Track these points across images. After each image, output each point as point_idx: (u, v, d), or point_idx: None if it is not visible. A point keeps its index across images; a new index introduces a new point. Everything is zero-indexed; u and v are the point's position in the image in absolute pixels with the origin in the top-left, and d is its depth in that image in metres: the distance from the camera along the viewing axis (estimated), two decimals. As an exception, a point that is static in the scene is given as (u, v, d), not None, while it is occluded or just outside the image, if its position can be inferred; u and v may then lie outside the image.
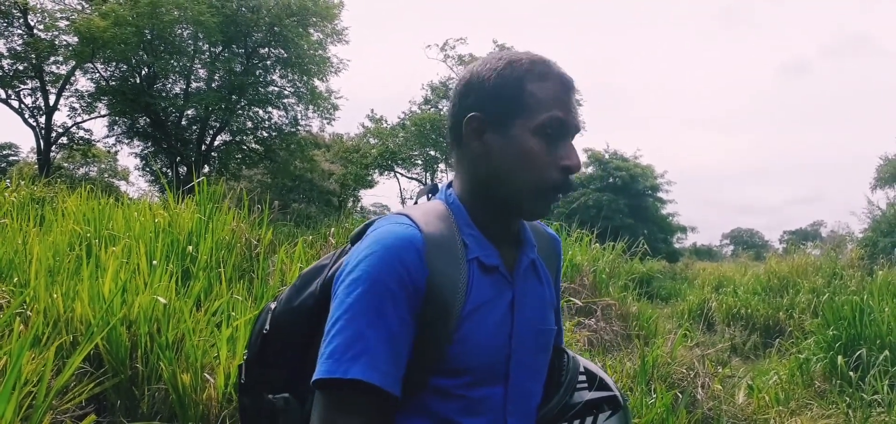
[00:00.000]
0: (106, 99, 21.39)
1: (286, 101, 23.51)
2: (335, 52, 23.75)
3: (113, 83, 21.14)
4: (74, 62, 19.78)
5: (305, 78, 22.90)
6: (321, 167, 27.47)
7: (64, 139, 22.32)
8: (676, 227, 30.14)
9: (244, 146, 24.48)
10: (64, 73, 20.68)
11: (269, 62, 22.90)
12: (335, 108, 24.60)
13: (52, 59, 20.08)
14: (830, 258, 13.02)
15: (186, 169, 20.27)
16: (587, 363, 1.28)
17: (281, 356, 1.17)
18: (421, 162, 30.86)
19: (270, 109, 23.58)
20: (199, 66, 22.31)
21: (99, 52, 18.90)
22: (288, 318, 1.17)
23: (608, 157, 27.92)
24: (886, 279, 8.35)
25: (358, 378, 0.96)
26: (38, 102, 21.13)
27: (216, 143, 23.59)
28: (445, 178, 29.21)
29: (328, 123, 26.11)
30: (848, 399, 5.20)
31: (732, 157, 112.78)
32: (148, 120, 21.96)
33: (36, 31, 19.76)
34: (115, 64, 20.78)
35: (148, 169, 23.86)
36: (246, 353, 1.23)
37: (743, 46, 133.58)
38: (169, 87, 22.45)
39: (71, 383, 2.64)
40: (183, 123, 22.77)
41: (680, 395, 4.32)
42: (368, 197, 37.24)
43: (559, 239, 1.34)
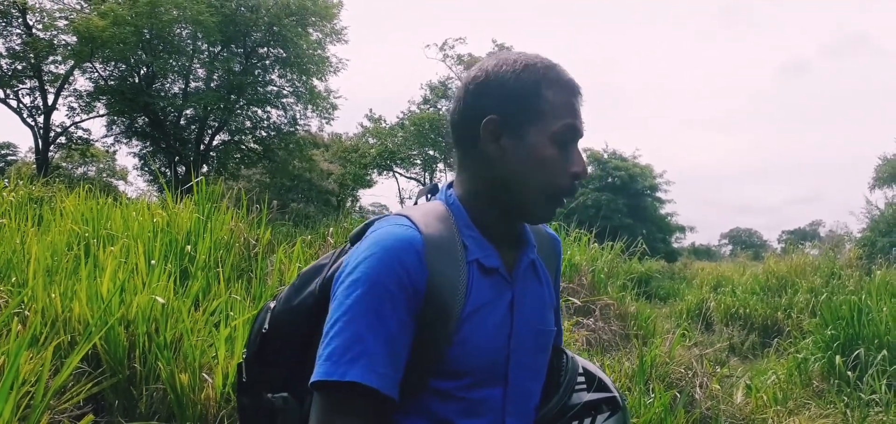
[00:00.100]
0: (104, 98, 21.38)
1: (285, 100, 23.52)
2: (334, 51, 23.76)
3: (111, 83, 21.13)
4: (73, 62, 19.76)
5: (304, 78, 22.89)
6: (320, 167, 27.46)
7: (62, 139, 22.33)
8: (675, 227, 30.20)
9: (243, 146, 24.47)
10: (62, 72, 20.68)
11: (267, 62, 22.89)
12: (334, 107, 24.62)
13: (50, 58, 20.07)
14: (829, 258, 13.04)
15: (185, 169, 20.26)
16: (586, 364, 1.27)
17: (280, 356, 1.17)
18: (420, 162, 30.86)
19: (269, 109, 23.58)
20: (197, 65, 22.30)
21: (97, 51, 18.89)
22: (287, 317, 1.17)
23: (607, 156, 27.94)
24: (885, 279, 8.35)
25: (356, 380, 0.96)
26: (36, 102, 21.12)
27: (215, 142, 23.60)
28: (444, 178, 29.23)
29: (327, 123, 26.16)
30: (846, 398, 5.20)
31: (731, 157, 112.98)
32: (146, 120, 21.94)
33: (35, 30, 19.75)
34: (113, 63, 20.77)
35: (146, 169, 23.83)
36: (245, 352, 1.23)
37: (742, 46, 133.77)
38: (168, 86, 22.45)
39: (69, 383, 2.63)
40: (181, 123, 22.75)
41: (678, 395, 4.33)
42: (367, 197, 37.26)
43: (559, 239, 1.34)
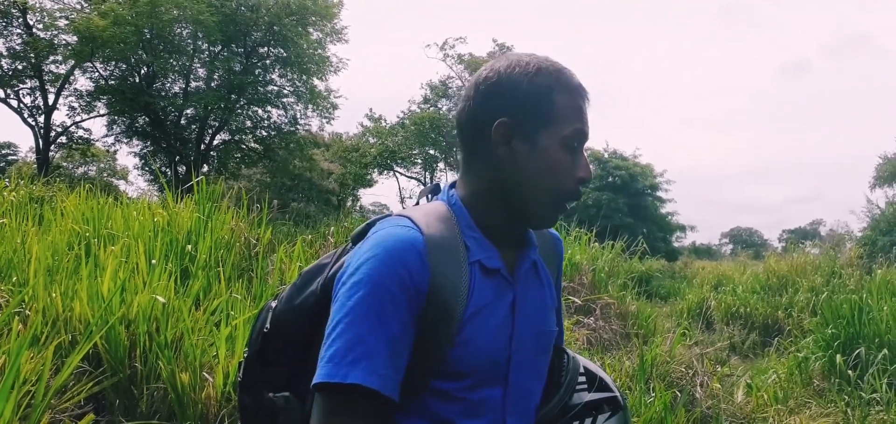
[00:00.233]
0: (105, 98, 21.38)
1: (285, 100, 23.52)
2: (334, 51, 23.75)
3: (112, 82, 21.12)
4: (73, 61, 19.77)
5: (304, 77, 22.89)
6: (320, 167, 27.44)
7: (63, 139, 22.33)
8: (675, 226, 30.21)
9: (243, 145, 24.47)
10: (63, 72, 20.68)
11: (268, 61, 22.89)
12: (334, 107, 24.62)
13: (51, 58, 20.08)
14: (829, 257, 13.03)
15: (185, 168, 20.26)
16: (587, 363, 1.27)
17: (281, 355, 1.17)
18: (420, 161, 30.85)
19: (269, 109, 23.58)
20: (198, 65, 22.31)
21: (98, 51, 18.90)
22: (288, 317, 1.17)
23: (607, 156, 27.95)
24: (885, 278, 8.35)
25: (357, 382, 0.96)
26: (37, 102, 21.13)
27: (215, 142, 23.60)
28: (445, 177, 29.24)
29: (327, 123, 26.16)
30: (846, 397, 5.20)
31: (732, 156, 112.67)
32: (147, 119, 21.95)
33: (35, 30, 19.75)
34: (114, 63, 20.77)
35: (147, 168, 23.83)
36: (246, 351, 1.23)
37: (742, 46, 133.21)
38: (168, 86, 22.45)
39: (69, 382, 2.63)
40: (182, 123, 22.75)
41: (679, 394, 4.33)
42: (367, 196, 37.24)
43: (560, 239, 1.34)
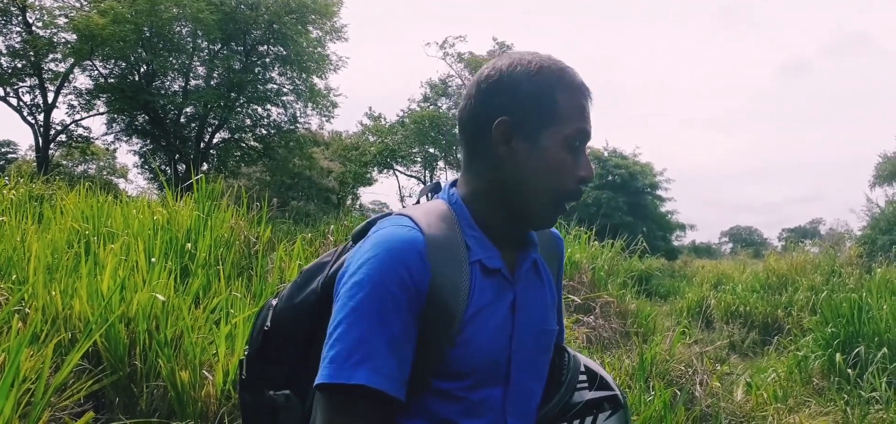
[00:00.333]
0: (104, 96, 21.36)
1: (285, 98, 23.50)
2: (334, 49, 23.82)
3: (111, 81, 21.11)
4: (73, 60, 19.75)
5: (304, 75, 22.87)
6: (320, 165, 27.42)
7: (62, 137, 22.30)
8: (675, 225, 30.24)
9: (243, 144, 24.46)
10: (62, 70, 20.64)
11: (267, 60, 22.87)
12: (334, 105, 24.60)
13: (50, 56, 20.06)
14: (829, 256, 13.04)
15: (185, 167, 20.24)
16: (588, 362, 1.27)
17: (282, 353, 1.17)
18: (420, 160, 30.84)
19: (269, 107, 23.58)
20: (197, 63, 22.28)
21: (98, 49, 18.88)
22: (289, 315, 1.17)
23: (607, 154, 27.95)
24: (885, 277, 8.35)
25: (362, 383, 0.96)
26: (36, 100, 21.11)
27: (215, 140, 23.58)
28: (445, 176, 29.23)
29: (327, 121, 26.14)
30: (846, 396, 5.20)
31: (732, 156, 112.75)
32: (147, 117, 21.94)
33: (34, 28, 19.73)
34: (113, 61, 20.75)
35: (147, 167, 23.83)
36: (247, 349, 1.23)
37: (742, 45, 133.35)
38: (168, 84, 22.41)
39: (69, 380, 2.63)
40: (181, 121, 22.74)
41: (678, 392, 4.33)
42: (367, 195, 37.27)
43: (561, 237, 1.34)
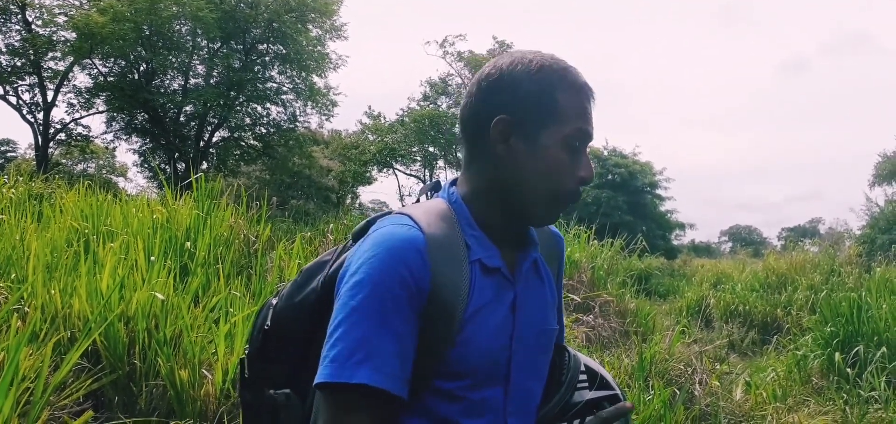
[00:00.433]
0: (104, 95, 21.34)
1: (285, 97, 23.48)
2: (334, 48, 23.81)
3: (111, 79, 21.09)
4: (72, 58, 19.73)
5: (304, 74, 22.85)
6: (319, 164, 27.42)
7: (62, 135, 22.28)
8: (675, 224, 30.26)
9: (242, 142, 24.45)
10: (62, 69, 20.62)
11: (267, 58, 22.85)
12: (334, 104, 24.58)
13: (50, 55, 20.04)
14: (828, 255, 13.03)
15: (184, 165, 20.23)
16: (588, 361, 1.27)
17: (282, 352, 1.17)
18: (420, 159, 30.85)
19: (269, 106, 23.56)
20: (197, 62, 22.27)
21: (97, 48, 18.86)
22: (289, 314, 1.17)
23: (607, 153, 27.95)
24: (884, 276, 8.34)
25: (364, 382, 0.96)
26: (36, 98, 21.09)
27: (214, 139, 23.56)
28: (445, 175, 29.22)
29: (327, 120, 26.17)
30: (845, 395, 5.20)
31: (731, 155, 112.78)
32: (146, 116, 21.92)
33: (34, 27, 19.71)
34: (113, 60, 20.73)
35: (146, 165, 23.82)
36: (247, 348, 1.23)
37: (742, 44, 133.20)
38: (167, 83, 22.40)
39: (68, 379, 2.63)
40: (181, 120, 22.73)
41: (677, 392, 4.33)
42: (367, 194, 37.18)
43: (562, 237, 1.34)
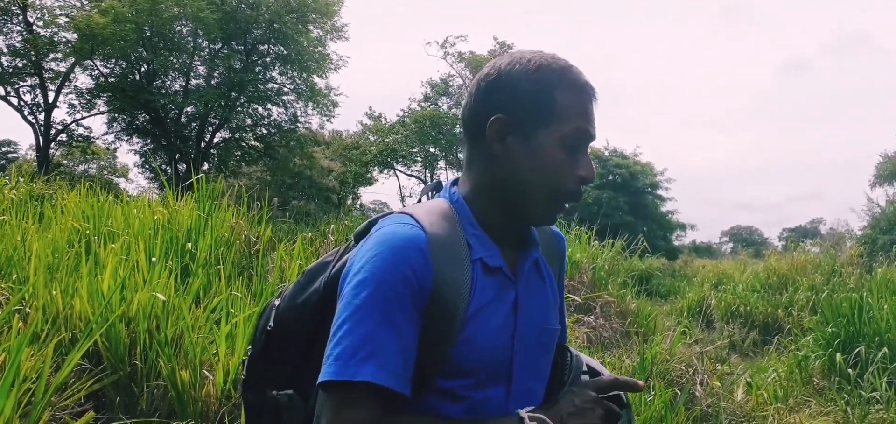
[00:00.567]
0: (105, 96, 21.38)
1: (285, 98, 23.52)
2: (335, 48, 23.86)
3: (112, 80, 21.12)
4: (74, 59, 19.76)
5: (305, 75, 22.88)
6: (320, 165, 27.43)
7: (63, 136, 22.31)
8: (676, 224, 30.22)
9: (243, 143, 24.47)
10: (63, 70, 20.66)
11: (268, 59, 22.88)
12: (334, 105, 24.62)
13: (51, 56, 20.08)
14: (830, 256, 13.03)
15: (185, 166, 20.24)
16: (590, 361, 1.27)
17: (285, 353, 1.17)
18: (420, 160, 30.85)
19: (270, 106, 23.61)
20: (198, 63, 22.30)
21: (98, 48, 18.89)
22: (292, 315, 1.17)
23: (608, 154, 27.92)
24: (885, 277, 8.34)
25: (368, 380, 0.96)
26: (37, 99, 21.12)
27: (215, 140, 23.59)
28: (446, 175, 29.21)
29: (327, 121, 26.17)
30: (846, 396, 5.19)
31: (732, 155, 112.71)
32: (147, 117, 21.95)
33: (35, 27, 19.74)
34: (114, 61, 20.76)
35: (147, 166, 23.84)
36: (250, 349, 1.24)
37: (743, 45, 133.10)
38: (168, 84, 22.43)
39: (70, 379, 2.63)
40: (182, 121, 22.75)
41: (679, 392, 4.32)
42: (368, 194, 37.28)
43: (563, 237, 1.34)
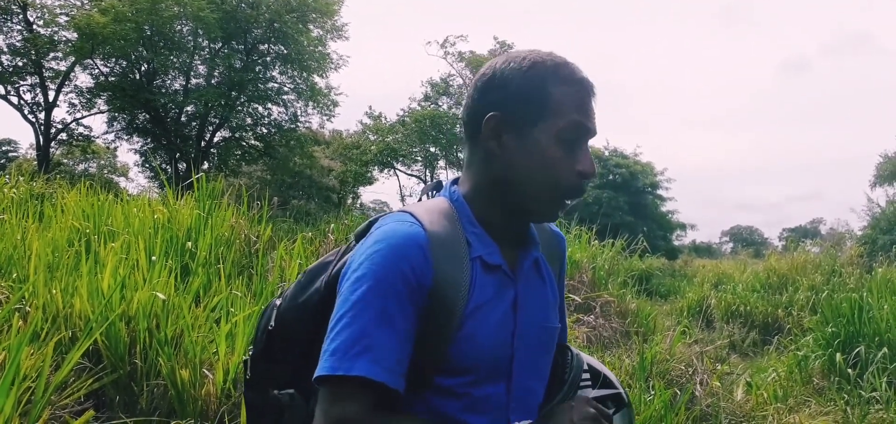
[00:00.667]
0: (105, 95, 21.36)
1: (286, 97, 23.50)
2: (335, 48, 23.85)
3: (112, 79, 21.10)
4: (74, 58, 19.75)
5: (305, 74, 22.86)
6: (320, 164, 27.42)
7: (63, 135, 22.29)
8: (676, 224, 30.24)
9: (243, 143, 24.46)
10: (63, 69, 20.64)
11: (268, 58, 22.86)
12: (335, 104, 24.60)
13: (51, 55, 20.07)
14: (830, 256, 13.03)
15: (186, 165, 20.23)
16: (591, 361, 1.28)
17: (286, 353, 1.18)
18: (421, 159, 30.84)
19: (270, 106, 23.58)
20: (198, 62, 22.29)
21: (98, 48, 18.88)
22: (293, 315, 1.17)
23: (608, 154, 27.93)
24: (885, 277, 8.34)
25: (362, 374, 0.97)
26: (37, 98, 21.11)
27: (216, 139, 23.57)
28: (446, 175, 29.21)
29: (328, 120, 26.16)
30: (846, 396, 5.19)
31: (732, 155, 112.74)
32: (147, 116, 21.94)
33: (35, 27, 19.74)
34: (114, 60, 20.75)
35: (147, 165, 23.84)
36: (251, 349, 1.24)
37: (743, 45, 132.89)
38: (168, 83, 22.43)
39: (70, 378, 2.63)
40: (182, 120, 22.75)
41: (678, 392, 4.32)
42: (368, 194, 37.26)
43: (563, 236, 1.34)
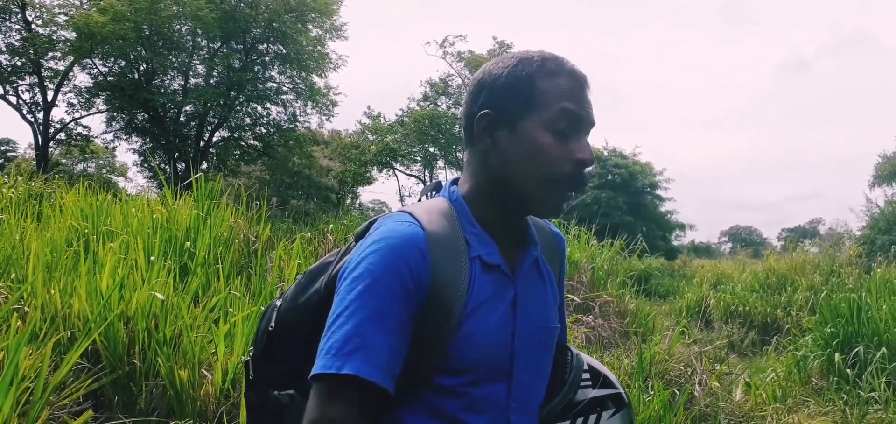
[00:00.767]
0: (104, 95, 21.35)
1: (284, 97, 23.50)
2: (334, 48, 23.81)
3: (111, 79, 21.09)
4: (72, 58, 19.74)
5: (304, 74, 22.86)
6: (319, 164, 27.41)
7: (62, 135, 22.29)
8: (675, 224, 30.25)
9: (242, 142, 24.46)
10: (62, 68, 20.63)
11: (267, 58, 22.85)
12: (334, 104, 24.60)
13: (50, 54, 20.07)
14: (829, 256, 13.05)
15: (184, 165, 20.24)
16: (591, 361, 1.28)
17: (286, 354, 1.18)
18: (420, 159, 30.83)
19: (269, 106, 23.58)
20: (197, 62, 22.27)
21: (97, 47, 18.87)
22: (293, 315, 1.18)
23: (607, 154, 27.92)
24: (884, 277, 8.34)
25: (352, 373, 0.97)
26: (36, 98, 21.10)
27: (214, 139, 23.57)
28: (445, 175, 29.21)
29: (327, 120, 26.20)
30: (845, 396, 5.20)
31: (732, 155, 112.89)
32: (146, 116, 21.93)
33: (34, 26, 19.72)
34: (113, 60, 20.74)
35: (146, 165, 23.84)
36: (251, 350, 1.24)
37: (742, 45, 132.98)
38: (167, 83, 22.40)
39: (68, 378, 2.63)
40: (181, 120, 22.74)
41: (677, 392, 4.33)
42: (367, 194, 37.20)
43: (562, 236, 1.34)
